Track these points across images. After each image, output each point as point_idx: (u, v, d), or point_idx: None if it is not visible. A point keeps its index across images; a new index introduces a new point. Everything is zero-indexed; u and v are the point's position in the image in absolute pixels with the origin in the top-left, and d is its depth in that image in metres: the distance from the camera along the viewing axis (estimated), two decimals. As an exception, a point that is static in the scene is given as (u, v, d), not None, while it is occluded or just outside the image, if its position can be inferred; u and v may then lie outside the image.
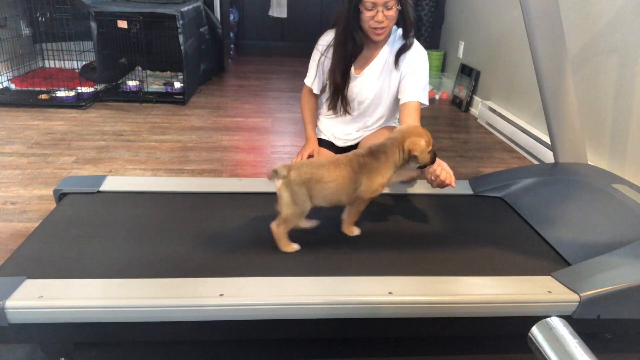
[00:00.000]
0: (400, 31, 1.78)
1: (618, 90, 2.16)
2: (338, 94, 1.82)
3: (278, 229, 1.32)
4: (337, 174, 1.31)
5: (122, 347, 1.26)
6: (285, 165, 1.28)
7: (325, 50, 1.81)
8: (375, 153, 1.37)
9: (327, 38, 1.82)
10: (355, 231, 1.43)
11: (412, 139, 1.36)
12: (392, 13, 1.64)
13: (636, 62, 2.06)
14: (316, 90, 1.92)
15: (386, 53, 1.78)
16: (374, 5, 1.61)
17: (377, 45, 1.78)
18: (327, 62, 1.82)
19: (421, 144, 1.37)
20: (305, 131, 1.98)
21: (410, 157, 1.38)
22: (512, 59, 3.19)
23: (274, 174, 1.28)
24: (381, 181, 1.36)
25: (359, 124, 1.93)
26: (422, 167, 1.45)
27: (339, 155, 1.39)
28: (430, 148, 1.40)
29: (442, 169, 1.50)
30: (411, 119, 1.69)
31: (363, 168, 1.34)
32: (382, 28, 1.66)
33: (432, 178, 1.51)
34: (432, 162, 1.45)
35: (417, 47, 1.77)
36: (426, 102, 1.76)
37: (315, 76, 1.89)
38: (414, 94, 1.73)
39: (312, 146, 1.93)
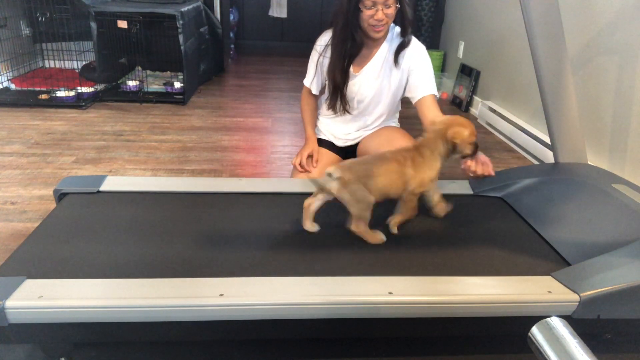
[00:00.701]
0: (398, 29, 1.79)
1: (618, 90, 2.16)
2: (337, 92, 1.82)
3: (358, 228, 1.35)
4: (384, 168, 1.34)
5: (122, 347, 1.26)
6: (335, 167, 1.32)
7: (323, 50, 1.82)
8: (420, 148, 1.39)
9: (325, 38, 1.82)
10: (395, 230, 1.44)
11: (455, 129, 1.38)
12: (392, 11, 1.64)
13: (636, 62, 2.06)
14: (315, 91, 1.93)
15: (385, 51, 1.78)
16: (374, 3, 1.61)
17: (376, 43, 1.78)
18: (326, 62, 1.82)
19: (464, 133, 1.39)
20: (305, 131, 1.98)
21: (453, 147, 1.39)
22: (512, 59, 3.19)
23: (327, 178, 1.31)
24: (430, 174, 1.39)
25: (359, 123, 1.93)
26: (464, 157, 1.47)
27: (385, 152, 1.41)
28: (473, 139, 1.42)
29: (477, 163, 1.52)
30: (432, 112, 1.72)
31: (410, 162, 1.36)
32: (382, 26, 1.66)
33: (470, 174, 1.53)
34: (474, 153, 1.46)
35: (415, 43, 1.78)
36: (437, 94, 1.79)
37: (314, 76, 1.89)
38: (427, 89, 1.76)
39: (312, 146, 1.93)
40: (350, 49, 1.74)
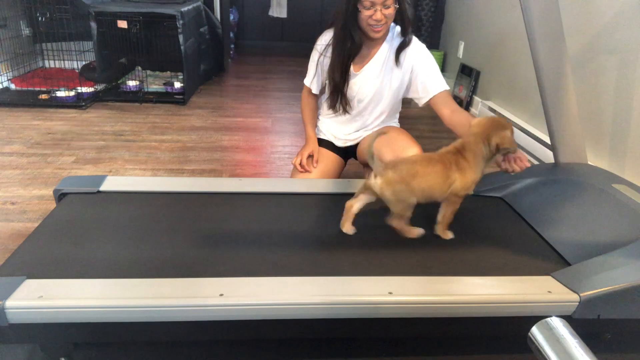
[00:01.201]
0: (398, 28, 1.79)
1: (618, 90, 2.16)
2: (337, 92, 1.82)
3: (398, 224, 1.37)
4: (430, 170, 1.34)
5: (122, 347, 1.26)
6: (380, 166, 1.33)
7: (324, 49, 1.82)
8: (463, 151, 1.39)
9: (326, 38, 1.82)
10: (450, 235, 1.43)
11: (500, 133, 1.37)
12: (391, 11, 1.64)
13: (636, 62, 2.06)
14: (315, 90, 1.93)
15: (385, 50, 1.79)
16: (373, 4, 1.61)
17: (376, 42, 1.78)
18: (327, 62, 1.82)
19: (508, 135, 1.38)
20: (305, 131, 1.99)
21: (498, 150, 1.39)
22: (512, 59, 3.19)
23: (372, 177, 1.33)
24: (474, 177, 1.38)
25: (359, 123, 1.93)
26: (506, 154, 1.46)
27: (430, 153, 1.42)
28: (513, 137, 1.41)
29: (509, 161, 1.47)
30: (449, 107, 1.72)
31: (455, 165, 1.36)
32: (381, 26, 1.66)
33: (509, 170, 1.48)
34: (515, 151, 1.45)
35: (416, 42, 1.78)
36: (448, 87, 1.79)
37: (314, 76, 1.89)
38: (438, 85, 1.76)
39: (312, 146, 1.93)
40: (350, 48, 1.74)
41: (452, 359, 1.30)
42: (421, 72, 1.77)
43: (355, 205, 1.41)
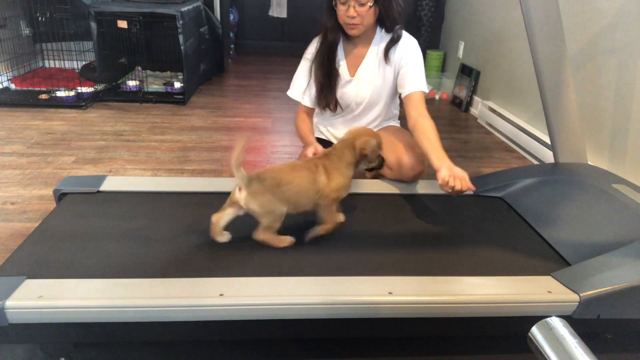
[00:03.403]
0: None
1: (618, 90, 2.16)
2: (324, 92, 1.82)
3: (264, 236, 1.32)
4: (294, 176, 1.32)
5: (122, 347, 1.26)
6: (244, 177, 1.26)
7: (313, 57, 1.82)
8: (329, 156, 1.40)
9: (315, 46, 1.83)
10: (341, 217, 1.41)
11: (363, 139, 1.40)
12: (365, 9, 1.64)
13: (636, 62, 2.06)
14: (308, 103, 1.88)
15: (375, 49, 1.79)
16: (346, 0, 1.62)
17: (365, 43, 1.79)
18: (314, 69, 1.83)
19: (372, 142, 1.41)
20: (305, 141, 1.90)
21: (361, 157, 1.41)
22: (512, 59, 3.19)
23: (237, 190, 1.29)
24: (341, 181, 1.37)
25: (359, 123, 1.93)
26: (371, 169, 1.48)
27: (295, 161, 1.42)
28: (380, 151, 1.44)
29: (454, 178, 1.43)
30: (418, 110, 1.71)
31: (321, 169, 1.36)
32: (355, 24, 1.66)
33: (449, 190, 1.44)
34: (380, 167, 1.47)
35: (406, 38, 1.78)
36: (426, 90, 1.78)
37: (306, 87, 1.87)
38: (415, 85, 1.75)
39: (314, 145, 1.92)
40: (330, 42, 1.76)
41: (452, 359, 1.30)
42: (404, 68, 1.76)
43: (221, 220, 1.34)
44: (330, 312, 1.13)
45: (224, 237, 1.36)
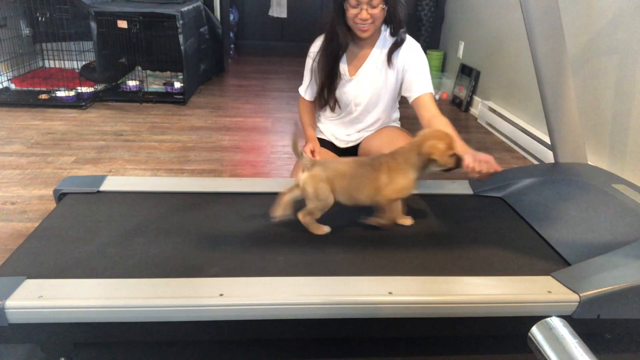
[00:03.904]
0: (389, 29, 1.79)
1: (618, 90, 2.16)
2: (326, 92, 1.82)
3: (305, 219, 1.38)
4: (358, 172, 1.35)
5: (122, 347, 1.26)
6: (309, 162, 1.34)
7: (316, 56, 1.82)
8: (395, 155, 1.39)
9: (318, 44, 1.83)
10: (409, 220, 1.46)
11: (430, 143, 1.35)
12: (377, 11, 1.64)
13: (636, 62, 2.06)
14: (309, 98, 1.94)
15: (378, 52, 1.79)
16: (358, 2, 1.61)
17: (369, 44, 1.78)
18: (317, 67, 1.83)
19: (440, 147, 1.35)
20: (304, 133, 1.99)
21: (428, 161, 1.37)
22: (512, 59, 3.19)
23: (302, 172, 1.34)
24: (404, 183, 1.37)
25: (359, 125, 1.93)
26: (447, 170, 1.42)
27: (362, 157, 1.42)
28: (452, 152, 1.38)
29: (480, 162, 1.43)
30: (429, 111, 1.70)
31: (385, 168, 1.36)
32: (367, 25, 1.66)
33: (477, 175, 1.44)
34: (457, 166, 1.41)
35: (409, 42, 1.78)
36: (433, 91, 1.78)
37: (309, 84, 1.90)
38: (422, 88, 1.75)
39: (311, 142, 1.93)
40: (336, 48, 1.75)
41: (452, 359, 1.30)
42: (409, 71, 1.76)
43: (285, 196, 1.39)
44: (330, 312, 1.13)
45: (280, 214, 1.38)
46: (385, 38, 1.78)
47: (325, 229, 1.41)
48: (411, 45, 1.78)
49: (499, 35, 3.39)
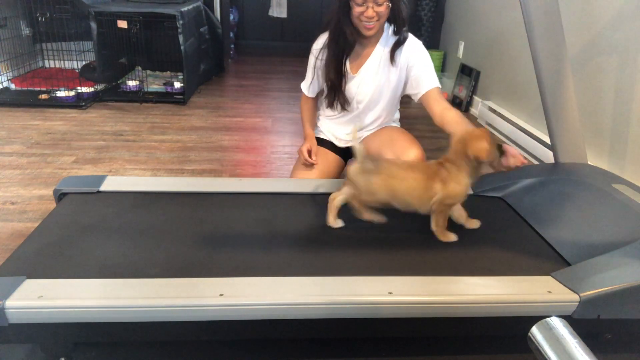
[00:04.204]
0: (392, 27, 1.79)
1: (618, 90, 2.16)
2: (334, 91, 1.83)
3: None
4: (410, 176, 1.35)
5: (122, 347, 1.26)
6: (364, 156, 1.35)
7: (319, 53, 1.82)
8: (446, 164, 1.37)
9: (321, 41, 1.83)
10: (452, 236, 1.42)
11: (474, 147, 1.33)
12: (383, 9, 1.64)
13: (636, 62, 2.06)
14: (311, 94, 1.95)
15: (381, 50, 1.79)
16: (364, 0, 1.61)
17: (372, 42, 1.78)
18: (322, 65, 1.83)
19: (483, 147, 1.34)
20: (303, 130, 1.99)
21: (479, 163, 1.37)
22: (512, 59, 3.19)
23: (354, 165, 1.35)
24: (458, 189, 1.37)
25: (359, 123, 1.93)
26: (493, 165, 1.44)
27: (416, 162, 1.43)
28: (494, 146, 1.37)
29: (508, 157, 1.43)
30: (440, 105, 1.71)
31: (437, 178, 1.36)
32: (373, 23, 1.66)
33: (503, 169, 1.46)
34: (501, 154, 1.42)
35: (411, 40, 1.78)
36: (440, 86, 1.78)
37: (311, 81, 1.90)
38: (429, 83, 1.75)
39: (310, 142, 1.93)
40: (343, 45, 1.75)
41: (452, 359, 1.30)
42: (415, 68, 1.77)
43: (338, 198, 1.41)
44: (330, 312, 1.13)
45: (337, 223, 1.43)
46: (388, 36, 1.79)
47: (378, 218, 1.41)
48: (414, 43, 1.78)
49: (499, 35, 3.39)
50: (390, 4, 1.66)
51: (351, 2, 1.64)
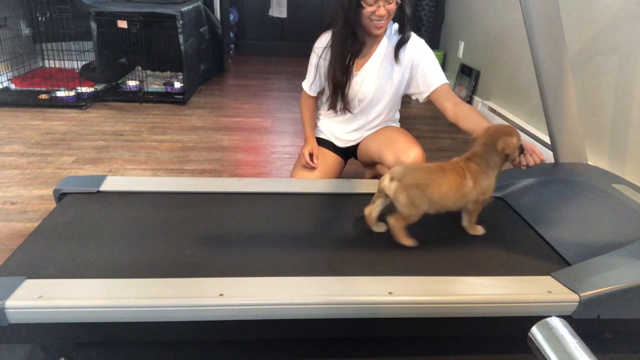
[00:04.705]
0: (396, 26, 1.79)
1: (618, 90, 2.16)
2: (337, 92, 1.82)
3: (397, 224, 1.37)
4: (444, 180, 1.36)
5: (122, 347, 1.26)
6: (398, 170, 1.35)
7: (322, 52, 1.81)
8: (474, 158, 1.41)
9: (323, 40, 1.82)
10: (480, 230, 1.46)
11: (503, 140, 1.39)
12: (393, 7, 1.65)
13: (636, 62, 2.06)
14: (313, 93, 1.93)
15: (384, 48, 1.79)
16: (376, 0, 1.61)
17: (375, 40, 1.78)
18: (325, 64, 1.82)
19: (512, 141, 1.40)
20: (304, 131, 1.99)
21: (505, 157, 1.42)
22: (512, 59, 3.19)
23: (386, 180, 1.34)
24: (488, 183, 1.41)
25: (359, 122, 1.93)
26: (513, 161, 1.48)
27: (443, 163, 1.43)
28: (520, 143, 1.44)
29: (527, 154, 1.48)
30: (451, 100, 1.74)
31: (467, 174, 1.38)
32: (383, 22, 1.66)
33: (523, 167, 1.51)
34: (521, 152, 1.47)
35: (415, 38, 1.79)
36: (447, 81, 1.80)
37: (313, 80, 1.89)
38: (437, 80, 1.78)
39: (311, 144, 1.93)
40: (352, 46, 1.74)
41: (452, 359, 1.30)
42: (421, 66, 1.77)
43: (374, 212, 1.42)
44: (330, 312, 1.13)
45: (380, 227, 1.43)
46: (391, 34, 1.79)
47: (411, 242, 1.37)
48: (417, 42, 1.78)
49: (499, 35, 3.39)
50: (399, 2, 1.66)
51: (362, 1, 1.63)
